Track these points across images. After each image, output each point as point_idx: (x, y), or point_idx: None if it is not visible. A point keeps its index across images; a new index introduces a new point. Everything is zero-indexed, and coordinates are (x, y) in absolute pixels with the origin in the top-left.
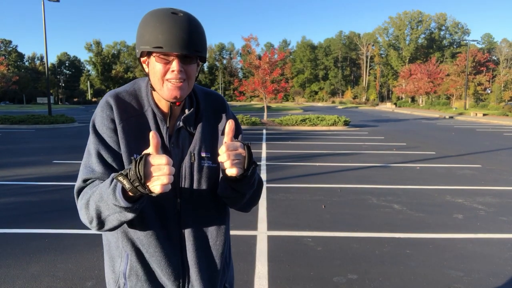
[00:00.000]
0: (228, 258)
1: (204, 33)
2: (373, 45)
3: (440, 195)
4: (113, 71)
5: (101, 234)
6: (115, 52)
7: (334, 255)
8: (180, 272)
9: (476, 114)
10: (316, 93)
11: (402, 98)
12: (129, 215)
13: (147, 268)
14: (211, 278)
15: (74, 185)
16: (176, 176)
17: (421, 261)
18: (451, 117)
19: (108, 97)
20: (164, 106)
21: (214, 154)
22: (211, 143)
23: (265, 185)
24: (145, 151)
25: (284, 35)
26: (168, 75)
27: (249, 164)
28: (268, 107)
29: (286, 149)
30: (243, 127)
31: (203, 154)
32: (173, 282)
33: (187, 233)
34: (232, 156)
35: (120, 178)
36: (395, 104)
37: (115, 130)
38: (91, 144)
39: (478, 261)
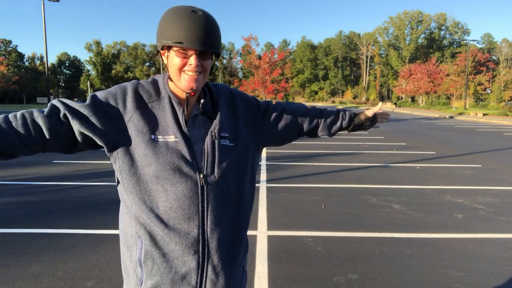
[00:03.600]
0: (247, 242)
1: (219, 31)
2: (373, 45)
3: (440, 195)
4: (113, 71)
5: (101, 235)
6: (115, 52)
7: (334, 255)
8: (199, 247)
9: (476, 114)
10: (316, 93)
11: (402, 98)
12: None
13: (163, 249)
14: (232, 254)
15: (74, 184)
16: (197, 154)
17: (421, 261)
18: (451, 117)
19: (128, 83)
20: (180, 95)
21: (231, 135)
22: (229, 125)
23: (265, 185)
24: None
25: (284, 35)
26: (186, 68)
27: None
28: None
29: (286, 149)
30: None
31: (224, 134)
32: (192, 256)
33: (210, 207)
34: (381, 115)
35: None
36: (395, 104)
37: (111, 107)
38: (77, 101)
39: (478, 261)
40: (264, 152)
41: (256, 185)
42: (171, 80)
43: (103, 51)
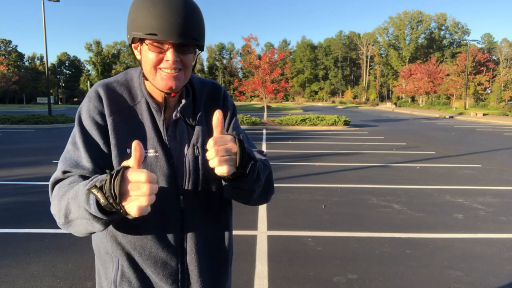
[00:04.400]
0: (232, 253)
1: (202, 18)
2: (373, 45)
3: (440, 195)
4: (113, 71)
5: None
6: (115, 52)
7: (334, 255)
8: (179, 277)
9: (476, 114)
10: (316, 93)
11: (402, 98)
12: (98, 227)
13: (141, 273)
14: (215, 280)
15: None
16: (178, 171)
17: (421, 261)
18: (451, 117)
19: (98, 87)
20: (159, 97)
21: None
22: (210, 136)
23: None
24: (124, 163)
25: (284, 35)
26: (162, 64)
27: (242, 160)
28: (268, 107)
29: (286, 149)
30: (243, 127)
31: (206, 147)
32: (171, 286)
33: (190, 233)
34: (221, 152)
35: (94, 191)
36: (395, 104)
37: (103, 125)
38: (78, 137)
39: (478, 261)
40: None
41: None
42: (146, 79)
43: (103, 51)
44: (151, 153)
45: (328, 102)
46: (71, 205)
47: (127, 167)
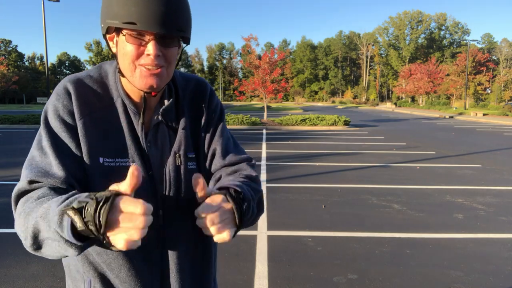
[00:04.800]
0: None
1: (189, 7)
2: (373, 45)
3: (440, 195)
4: None
5: None
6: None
7: (334, 255)
8: None
9: (476, 114)
10: (316, 93)
11: (402, 98)
12: (71, 252)
13: None
14: None
15: None
16: (158, 183)
17: (421, 261)
18: (451, 117)
19: (67, 82)
20: (137, 97)
21: (198, 153)
22: (194, 141)
23: (265, 185)
24: (113, 187)
25: (284, 35)
26: (142, 60)
27: (242, 215)
28: (268, 107)
29: (286, 149)
30: (243, 127)
31: (191, 155)
32: None
33: (171, 252)
34: (216, 219)
35: (71, 213)
36: (395, 104)
37: (74, 126)
38: (45, 141)
39: (478, 261)
40: (264, 152)
41: None
42: (123, 75)
43: (103, 51)
44: (126, 163)
45: (328, 102)
46: (40, 224)
47: (118, 194)
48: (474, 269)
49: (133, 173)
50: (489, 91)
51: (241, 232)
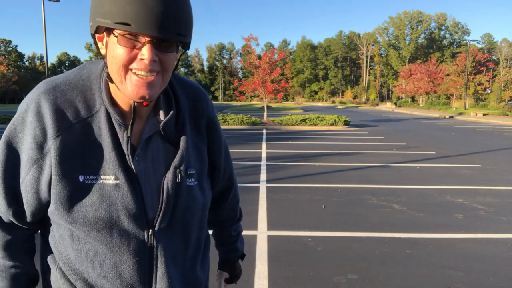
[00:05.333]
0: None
1: (191, 9)
2: (373, 45)
3: (440, 195)
4: None
5: None
6: None
7: (334, 255)
8: None
9: (476, 114)
10: (316, 93)
11: (402, 98)
12: None
13: None
14: None
15: None
16: (148, 201)
17: (421, 261)
18: (451, 117)
19: (40, 93)
20: (125, 105)
21: (198, 168)
22: (195, 154)
23: (265, 185)
24: None
25: (284, 35)
26: (135, 64)
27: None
28: (268, 107)
29: (286, 149)
30: (243, 127)
31: (191, 171)
32: None
33: (160, 272)
34: None
35: None
36: (395, 104)
37: (37, 149)
38: None
39: (478, 261)
40: (264, 152)
41: (256, 185)
42: (111, 81)
43: None
44: (109, 180)
45: (328, 102)
46: None
47: None
48: (474, 269)
49: None
50: (489, 91)
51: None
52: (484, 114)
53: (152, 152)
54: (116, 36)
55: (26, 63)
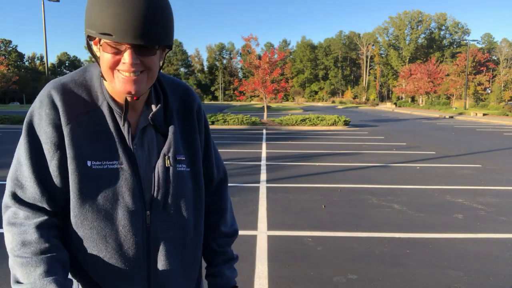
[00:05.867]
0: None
1: (169, 13)
2: (373, 45)
3: (440, 195)
4: None
5: None
6: None
7: (334, 255)
8: None
9: (476, 114)
10: (316, 93)
11: (402, 98)
12: None
13: None
14: None
15: None
16: (145, 184)
17: (421, 261)
18: (451, 117)
19: (51, 89)
20: (122, 99)
21: (188, 156)
22: (185, 143)
23: (265, 185)
24: None
25: (284, 35)
26: (120, 66)
27: None
28: (268, 107)
29: (286, 149)
30: (243, 127)
31: (180, 158)
32: None
33: (158, 252)
34: None
35: None
36: (395, 104)
37: (57, 137)
38: (23, 150)
39: (478, 261)
40: (264, 152)
41: (256, 185)
42: (105, 79)
43: None
44: (114, 165)
45: (328, 102)
46: (16, 271)
47: None
48: (474, 269)
49: None
50: (489, 91)
51: (241, 232)
52: (484, 114)
53: (147, 142)
54: (102, 45)
55: (26, 63)
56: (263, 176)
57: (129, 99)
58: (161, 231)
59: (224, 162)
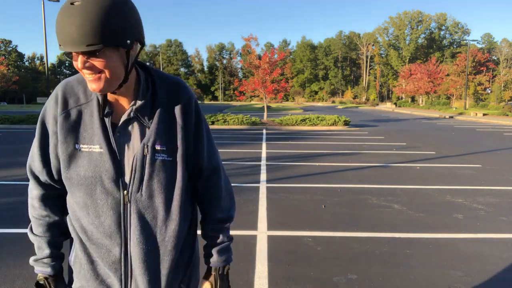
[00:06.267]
0: (189, 259)
1: (113, 14)
2: (373, 45)
3: (440, 195)
4: None
5: None
6: None
7: (334, 255)
8: (121, 265)
9: (476, 114)
10: (316, 93)
11: (402, 98)
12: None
13: (90, 258)
14: (156, 276)
15: None
16: (125, 168)
17: (421, 261)
18: (451, 117)
19: (59, 86)
20: (109, 94)
21: (170, 146)
22: (168, 135)
23: (265, 185)
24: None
25: (284, 35)
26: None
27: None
28: (268, 107)
29: (286, 149)
30: (243, 127)
31: (158, 147)
32: (114, 274)
33: (133, 227)
34: None
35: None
36: (395, 104)
37: (54, 126)
38: (36, 136)
39: (478, 261)
40: (264, 152)
41: (256, 185)
42: None
43: None
44: (96, 148)
45: (328, 102)
46: (33, 239)
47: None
48: (474, 269)
49: None
50: (489, 91)
51: (241, 232)
52: (484, 114)
53: (132, 132)
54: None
55: (26, 63)
56: (263, 176)
57: (99, 95)
58: (136, 210)
59: (224, 162)
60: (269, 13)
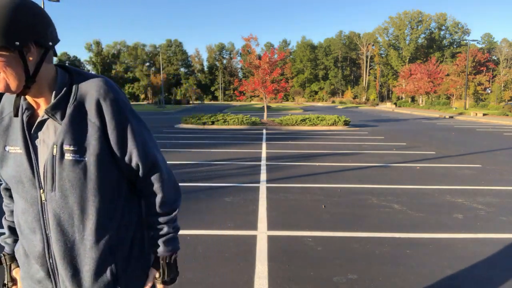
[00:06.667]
0: (125, 261)
1: (5, 16)
2: (373, 45)
3: (440, 195)
4: (113, 71)
5: None
6: (115, 52)
7: (334, 255)
8: (46, 260)
9: (476, 114)
10: (316, 93)
11: (402, 98)
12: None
13: (24, 250)
14: (77, 272)
15: None
16: (39, 169)
17: (421, 261)
18: (451, 117)
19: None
20: (29, 98)
21: (82, 146)
22: (79, 134)
23: (265, 185)
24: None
25: (284, 35)
26: None
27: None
28: (268, 107)
29: (286, 149)
30: (243, 127)
31: (67, 147)
32: (41, 267)
33: (51, 224)
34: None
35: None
36: (395, 104)
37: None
38: None
39: (478, 261)
40: (264, 152)
41: (256, 185)
42: None
43: (103, 51)
44: (18, 150)
45: (328, 102)
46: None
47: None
48: (474, 269)
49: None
50: (489, 91)
51: (241, 232)
52: (484, 114)
53: (48, 132)
54: None
55: None
56: (263, 176)
57: (8, 94)
58: (52, 209)
59: (224, 162)
60: (269, 13)
